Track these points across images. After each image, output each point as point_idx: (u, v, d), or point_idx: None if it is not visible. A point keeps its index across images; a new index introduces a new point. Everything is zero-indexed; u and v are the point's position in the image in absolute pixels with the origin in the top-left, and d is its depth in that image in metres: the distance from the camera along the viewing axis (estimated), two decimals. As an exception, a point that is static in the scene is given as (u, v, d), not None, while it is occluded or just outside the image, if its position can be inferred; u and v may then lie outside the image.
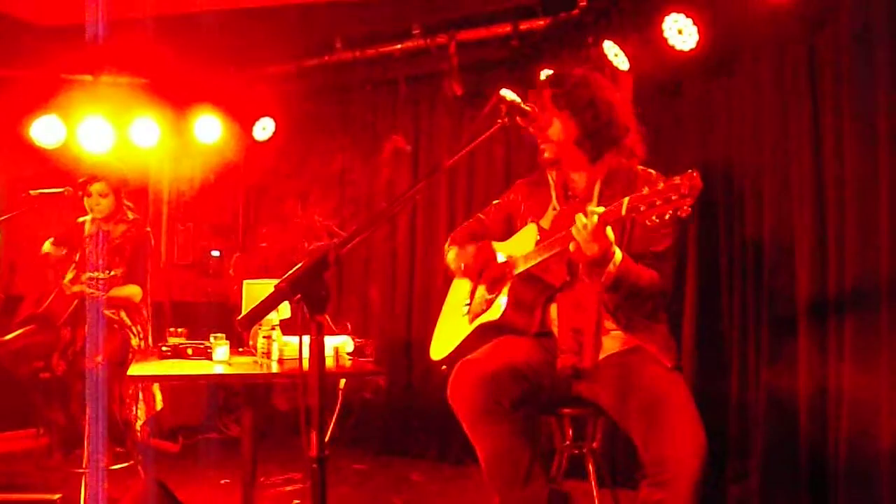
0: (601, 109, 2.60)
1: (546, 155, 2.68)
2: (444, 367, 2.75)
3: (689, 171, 2.06)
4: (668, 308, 2.60)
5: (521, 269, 2.59)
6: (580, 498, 2.81)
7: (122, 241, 4.35)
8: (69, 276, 4.09)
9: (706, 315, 3.95)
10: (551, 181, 2.75)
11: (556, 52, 4.22)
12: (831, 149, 3.56)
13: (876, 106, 3.43)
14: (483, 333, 2.70)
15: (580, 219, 2.26)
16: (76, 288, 4.10)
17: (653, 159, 2.67)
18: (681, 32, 3.73)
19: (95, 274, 3.99)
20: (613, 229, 2.30)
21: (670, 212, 2.07)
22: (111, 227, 4.39)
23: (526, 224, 2.75)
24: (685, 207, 2.05)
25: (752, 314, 3.81)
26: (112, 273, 3.99)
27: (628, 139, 2.65)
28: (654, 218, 2.09)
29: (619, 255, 2.33)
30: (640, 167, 2.67)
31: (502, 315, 2.60)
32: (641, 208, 2.11)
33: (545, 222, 2.69)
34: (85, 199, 4.33)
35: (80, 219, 4.45)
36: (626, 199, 2.16)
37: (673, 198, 2.05)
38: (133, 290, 4.26)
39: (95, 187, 4.32)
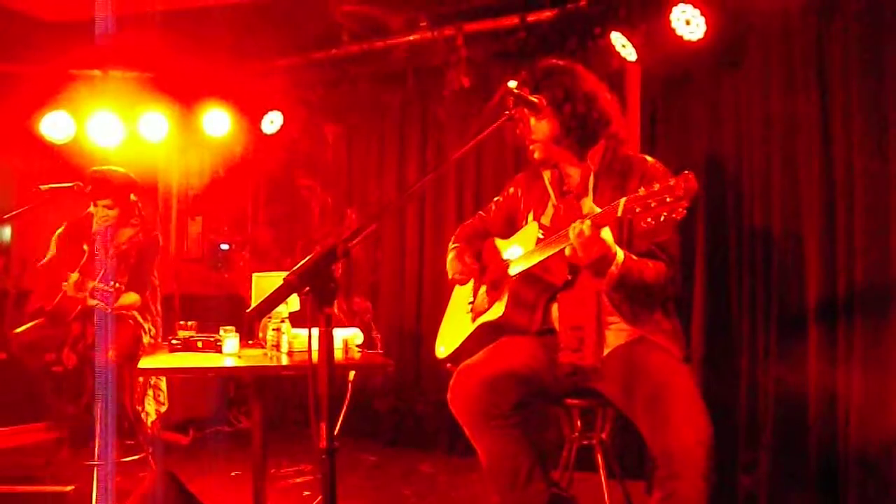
0: (578, 102, 2.56)
1: (536, 155, 2.67)
2: (448, 364, 2.76)
3: (685, 172, 2.02)
4: (676, 297, 2.58)
5: (520, 268, 2.58)
6: (589, 489, 2.82)
7: (128, 248, 4.33)
8: (73, 278, 4.07)
9: (715, 306, 3.94)
10: (546, 178, 2.73)
11: (563, 44, 4.21)
12: (840, 139, 3.55)
13: (886, 95, 3.42)
14: (485, 333, 2.70)
15: (575, 227, 2.24)
16: (80, 295, 4.10)
17: (661, 151, 2.66)
18: (688, 23, 3.72)
19: (101, 286, 3.99)
20: (612, 228, 2.28)
21: (665, 214, 2.03)
22: (118, 232, 4.40)
23: (527, 218, 2.75)
24: (680, 210, 2.01)
25: (761, 305, 3.80)
26: (117, 285, 3.99)
27: (612, 127, 2.62)
28: (649, 220, 2.06)
29: (620, 255, 2.31)
30: (633, 153, 2.65)
31: (503, 315, 2.60)
32: (637, 210, 2.08)
33: (546, 219, 2.68)
34: (92, 207, 4.34)
35: (90, 208, 4.46)
36: (622, 201, 2.13)
37: (668, 200, 2.02)
38: (132, 299, 4.24)
39: (102, 202, 4.31)
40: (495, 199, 2.97)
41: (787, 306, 3.71)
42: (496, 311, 2.64)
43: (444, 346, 2.88)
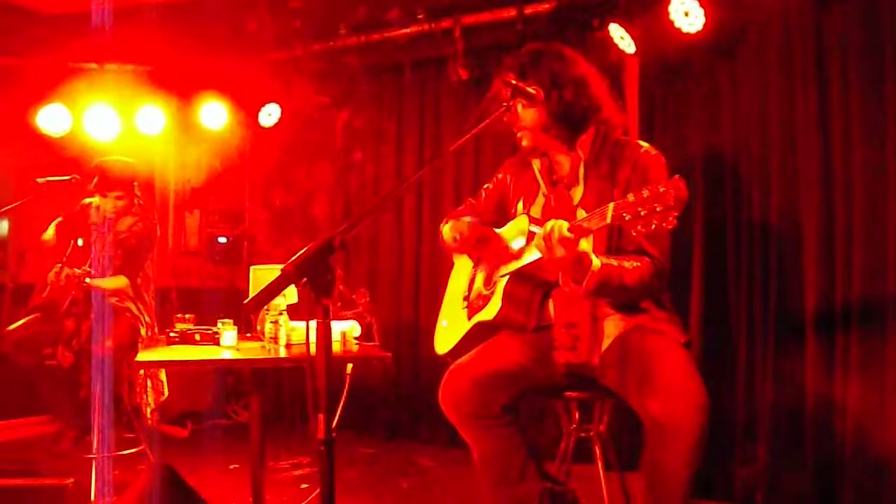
0: (566, 87, 2.50)
1: (524, 143, 2.61)
2: (449, 360, 2.75)
3: (675, 177, 1.95)
4: (670, 287, 2.52)
5: (511, 268, 2.55)
6: (587, 481, 2.82)
7: (128, 236, 4.34)
8: (55, 269, 4.08)
9: (713, 300, 3.94)
10: (535, 167, 2.69)
11: (561, 36, 4.20)
12: (839, 130, 3.55)
13: (884, 86, 3.41)
14: (481, 331, 2.68)
15: (547, 225, 2.19)
16: (61, 283, 4.11)
17: (659, 143, 2.63)
18: (687, 14, 3.71)
19: (77, 271, 4.01)
20: (602, 233, 2.24)
21: (655, 223, 1.96)
22: (118, 221, 4.39)
23: (516, 207, 2.71)
24: (671, 219, 1.95)
25: (759, 298, 3.80)
26: (87, 269, 4.00)
27: (603, 112, 2.56)
28: (639, 228, 1.99)
29: (597, 262, 2.24)
30: (625, 138, 2.58)
31: (497, 314, 2.57)
32: (626, 217, 2.01)
33: (536, 209, 2.64)
34: (100, 199, 4.34)
35: (86, 200, 4.45)
36: (610, 206, 2.05)
37: (658, 209, 1.94)
38: (121, 282, 4.25)
39: (113, 193, 4.31)
40: (485, 185, 2.92)
41: (785, 298, 3.71)
42: (491, 310, 2.61)
43: (443, 342, 2.87)
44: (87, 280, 4.11)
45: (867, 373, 3.40)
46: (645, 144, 2.55)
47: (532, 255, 2.43)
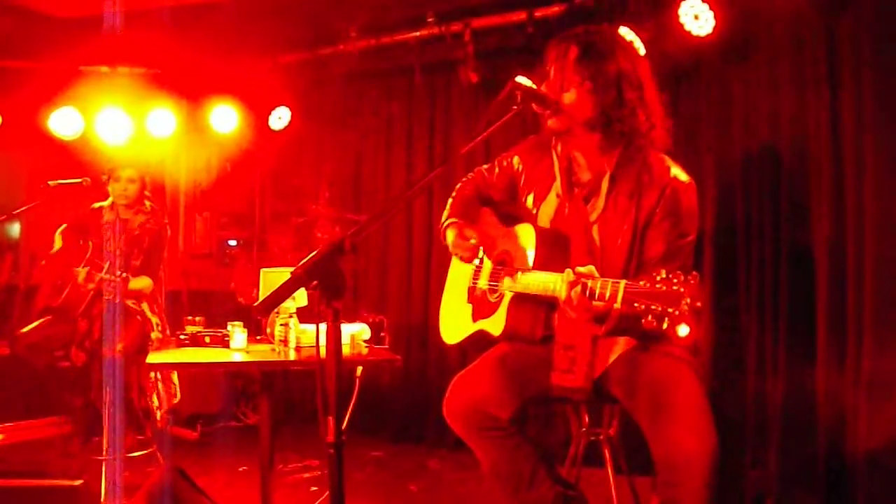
0: (627, 94, 2.35)
1: (550, 123, 2.41)
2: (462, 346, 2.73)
3: (692, 273, 1.86)
4: None
5: (516, 288, 2.47)
6: (597, 485, 2.82)
7: (140, 233, 4.37)
8: (83, 272, 4.09)
9: (723, 303, 3.92)
10: (555, 159, 2.53)
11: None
12: (850, 134, 3.53)
13: (896, 90, 3.40)
14: (486, 337, 2.63)
15: (568, 282, 2.12)
16: (90, 286, 4.12)
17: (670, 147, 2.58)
18: (697, 18, 3.71)
19: (108, 276, 4.01)
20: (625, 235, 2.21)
21: (668, 321, 1.85)
22: (130, 217, 4.42)
23: (526, 200, 2.59)
24: (682, 325, 1.84)
25: (769, 302, 3.78)
26: (124, 274, 4.00)
27: (652, 133, 2.40)
28: (649, 318, 1.88)
29: (617, 305, 2.11)
30: (657, 156, 2.40)
31: (503, 331, 2.50)
32: (636, 305, 1.90)
33: (547, 209, 2.52)
34: (112, 184, 4.36)
35: (96, 205, 4.47)
36: (621, 284, 1.96)
37: (670, 310, 1.84)
38: (145, 283, 4.28)
39: (126, 172, 4.35)
40: (498, 160, 2.76)
41: (796, 302, 3.69)
42: (496, 325, 2.54)
43: (448, 335, 2.82)
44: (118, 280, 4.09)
45: (882, 372, 3.37)
46: (675, 168, 2.39)
47: (537, 285, 2.36)
